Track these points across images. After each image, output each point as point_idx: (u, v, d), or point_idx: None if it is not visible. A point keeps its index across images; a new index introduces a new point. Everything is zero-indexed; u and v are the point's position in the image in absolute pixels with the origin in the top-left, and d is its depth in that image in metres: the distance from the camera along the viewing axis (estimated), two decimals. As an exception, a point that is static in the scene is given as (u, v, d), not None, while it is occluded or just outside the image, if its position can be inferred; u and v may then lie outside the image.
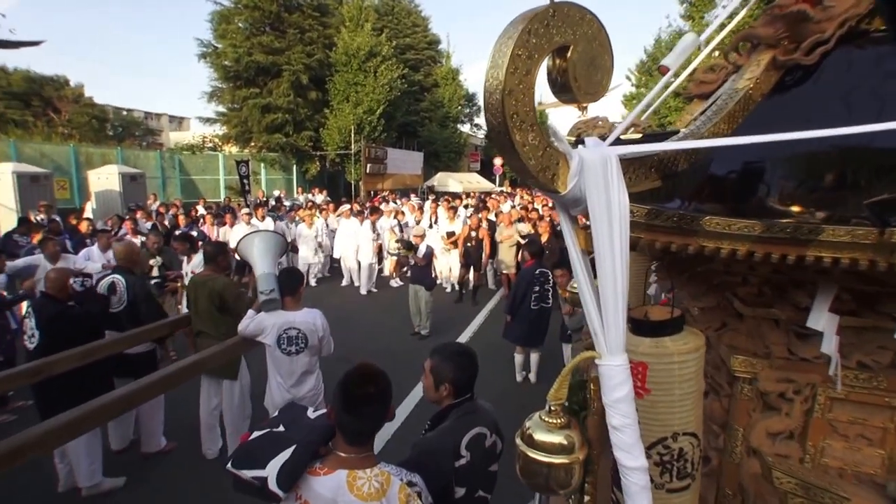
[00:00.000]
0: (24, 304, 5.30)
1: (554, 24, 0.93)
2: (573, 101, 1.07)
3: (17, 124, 22.46)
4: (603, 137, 1.12)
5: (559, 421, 1.07)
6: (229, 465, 1.53)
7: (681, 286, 1.36)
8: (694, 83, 1.92)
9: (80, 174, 15.67)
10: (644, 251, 1.17)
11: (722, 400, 1.34)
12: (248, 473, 1.47)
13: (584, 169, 1.03)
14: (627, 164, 1.15)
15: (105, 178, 14.88)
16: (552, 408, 1.08)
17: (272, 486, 1.43)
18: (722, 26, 1.34)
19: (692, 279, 1.32)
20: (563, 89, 1.06)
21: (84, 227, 8.68)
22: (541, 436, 1.06)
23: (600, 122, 2.16)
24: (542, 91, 1.18)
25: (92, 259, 6.45)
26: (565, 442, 1.05)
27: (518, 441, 1.10)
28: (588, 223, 1.13)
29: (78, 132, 25.06)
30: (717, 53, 1.96)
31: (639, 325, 1.17)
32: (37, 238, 7.32)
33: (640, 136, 1.84)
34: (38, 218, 9.65)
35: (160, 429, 4.36)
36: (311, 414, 1.69)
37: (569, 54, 1.00)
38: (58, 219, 9.67)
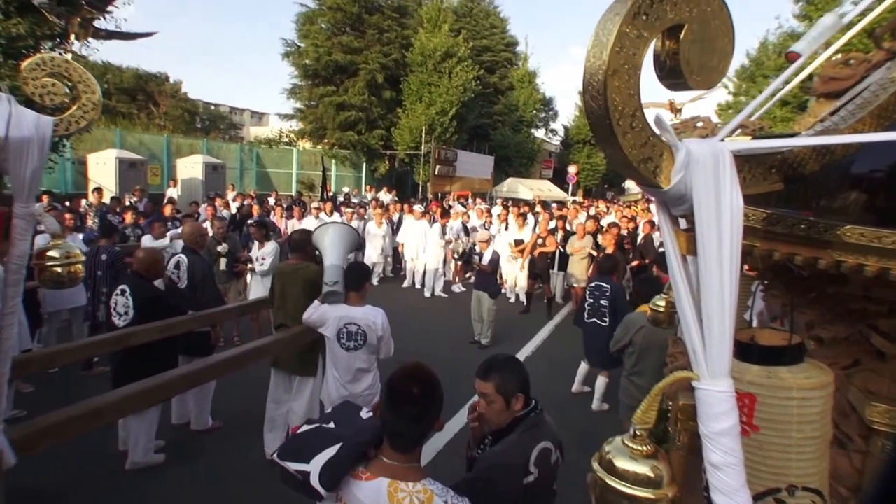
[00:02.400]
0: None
1: (668, 0, 0.83)
2: (683, 87, 0.96)
3: (123, 116, 24.89)
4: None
5: (645, 448, 0.95)
6: (275, 455, 1.54)
7: (800, 310, 1.19)
8: (820, 80, 1.71)
9: (171, 162, 17.05)
10: (757, 263, 1.03)
11: (852, 456, 1.14)
12: (292, 466, 1.47)
13: (691, 163, 0.92)
14: (742, 161, 1.02)
15: (191, 167, 16.13)
16: (637, 432, 0.97)
17: (314, 482, 1.42)
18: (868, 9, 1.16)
19: (816, 303, 1.14)
20: (672, 74, 0.95)
21: (168, 210, 9.36)
22: (623, 463, 0.95)
23: (700, 124, 1.98)
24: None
25: (176, 240, 6.93)
26: (651, 474, 0.93)
27: (595, 466, 0.99)
28: (690, 226, 1.02)
29: (172, 124, 27.35)
30: (837, 55, 1.74)
31: (746, 350, 1.03)
32: (128, 218, 8.02)
33: (749, 138, 1.66)
34: (132, 200, 10.56)
35: (208, 408, 4.58)
36: (363, 414, 1.68)
37: (682, 35, 0.90)
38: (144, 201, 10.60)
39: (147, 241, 6.51)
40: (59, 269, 2.17)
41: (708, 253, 0.92)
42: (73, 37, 1.77)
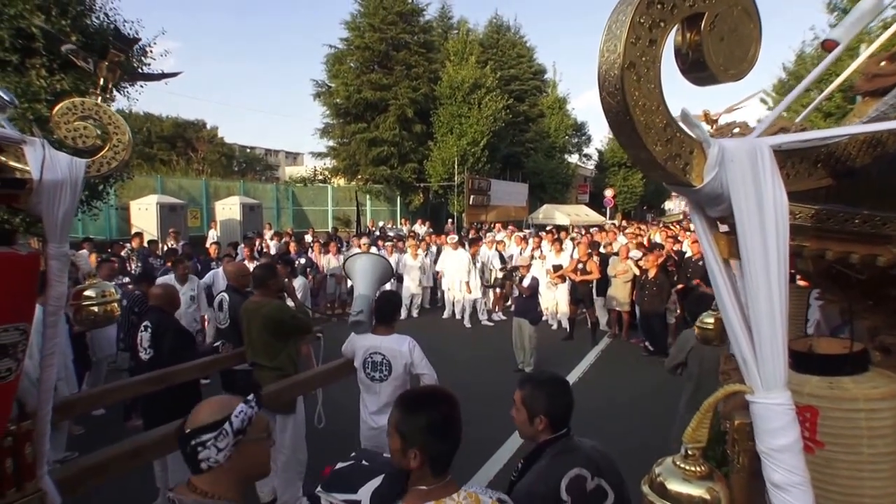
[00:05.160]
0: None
1: (685, -13, 0.82)
2: (710, 80, 0.93)
3: (163, 162, 26.44)
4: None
5: (699, 469, 0.89)
6: (319, 489, 1.56)
7: (861, 316, 1.10)
8: (863, 78, 1.64)
9: (209, 205, 17.83)
10: (808, 265, 0.98)
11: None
12: (340, 497, 1.49)
13: (725, 160, 0.88)
14: (784, 157, 0.97)
15: (229, 209, 16.83)
16: (689, 452, 0.91)
17: None
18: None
19: (877, 308, 1.06)
20: (696, 67, 0.92)
21: (213, 251, 9.75)
22: (675, 486, 0.89)
23: (737, 130, 1.93)
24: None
25: (217, 281, 7.17)
26: (707, 496, 0.87)
27: (645, 489, 0.93)
28: (730, 228, 0.97)
29: (210, 168, 28.80)
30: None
31: (804, 360, 0.97)
32: (170, 262, 8.40)
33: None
34: (170, 244, 11.06)
35: None
36: (386, 455, 1.69)
37: (702, 24, 0.88)
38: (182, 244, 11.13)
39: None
40: (95, 309, 2.26)
41: (752, 255, 0.87)
42: (101, 80, 1.91)
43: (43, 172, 1.72)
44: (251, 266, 8.48)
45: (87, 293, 2.24)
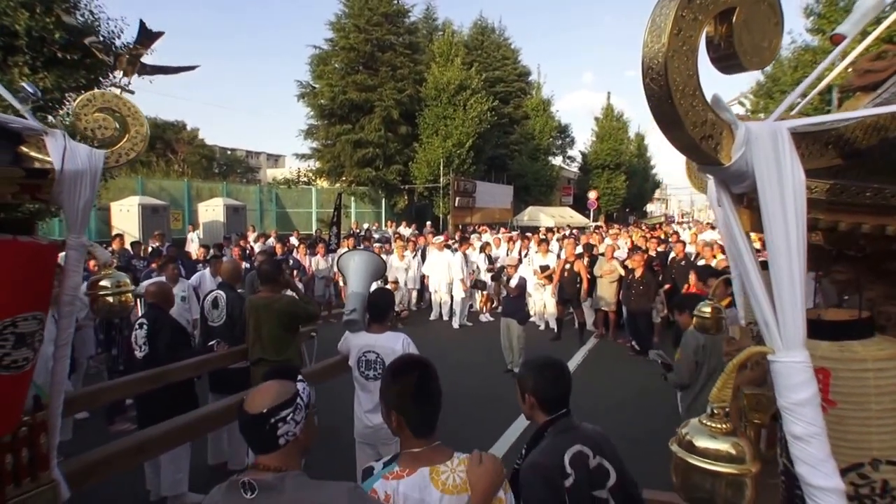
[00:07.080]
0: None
1: (720, -15, 0.90)
2: (737, 68, 1.02)
3: (143, 164, 25.99)
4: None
5: (724, 426, 0.97)
6: None
7: (869, 286, 1.20)
8: (857, 74, 1.76)
9: (192, 206, 17.60)
10: (821, 237, 1.07)
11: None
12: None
13: (751, 140, 0.98)
14: (799, 139, 1.07)
15: (212, 210, 16.65)
16: (714, 410, 0.99)
17: None
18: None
19: (880, 279, 1.16)
20: (726, 57, 1.02)
21: (201, 253, 9.66)
22: (703, 442, 0.97)
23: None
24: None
25: (203, 282, 7.11)
26: (733, 451, 0.95)
27: (674, 448, 1.01)
28: (748, 203, 1.06)
29: (191, 169, 28.39)
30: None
31: (814, 327, 1.05)
32: (155, 264, 8.27)
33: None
34: (154, 245, 10.91)
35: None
36: None
37: (734, 18, 0.97)
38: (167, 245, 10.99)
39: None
40: (110, 299, 2.27)
41: (774, 226, 0.96)
42: (121, 73, 1.92)
43: (64, 163, 1.75)
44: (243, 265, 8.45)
45: (102, 283, 2.25)
